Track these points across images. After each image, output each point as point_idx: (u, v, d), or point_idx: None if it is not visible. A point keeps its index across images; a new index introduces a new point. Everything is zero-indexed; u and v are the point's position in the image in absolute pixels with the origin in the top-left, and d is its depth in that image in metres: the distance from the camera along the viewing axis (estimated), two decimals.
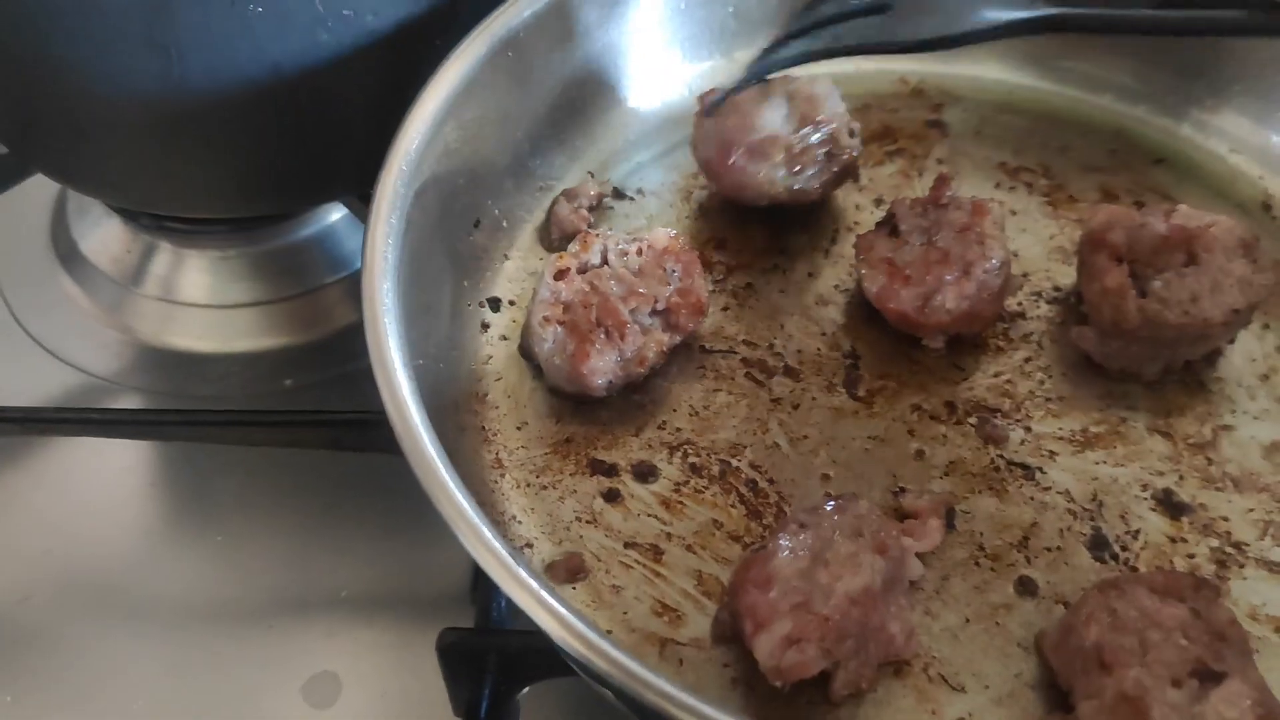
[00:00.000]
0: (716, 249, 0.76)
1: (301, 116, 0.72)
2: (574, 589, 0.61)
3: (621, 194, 0.79)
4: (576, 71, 0.78)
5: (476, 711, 0.63)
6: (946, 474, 0.66)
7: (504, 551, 0.51)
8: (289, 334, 0.88)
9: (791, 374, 0.70)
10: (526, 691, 0.66)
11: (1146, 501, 0.65)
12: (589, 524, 0.64)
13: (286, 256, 0.90)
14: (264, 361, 0.86)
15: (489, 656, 0.64)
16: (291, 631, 0.72)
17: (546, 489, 0.65)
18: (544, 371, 0.69)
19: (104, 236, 0.91)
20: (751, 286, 0.74)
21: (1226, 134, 0.81)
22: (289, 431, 0.72)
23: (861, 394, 0.69)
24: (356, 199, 0.81)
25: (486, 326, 0.72)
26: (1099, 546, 0.63)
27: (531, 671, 0.65)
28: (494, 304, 0.73)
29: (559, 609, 0.49)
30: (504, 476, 0.66)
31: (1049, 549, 0.63)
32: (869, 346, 0.71)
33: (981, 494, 0.65)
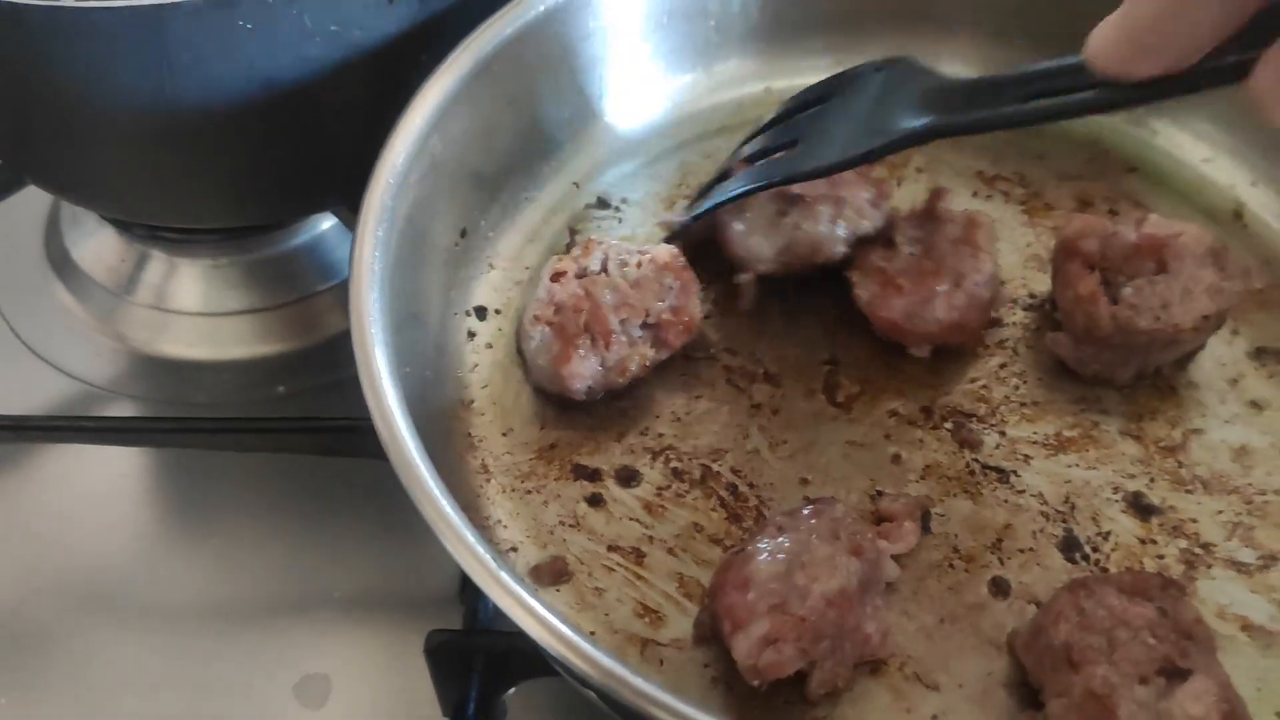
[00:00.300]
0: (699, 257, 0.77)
1: (292, 129, 0.73)
2: (557, 591, 0.63)
3: (605, 204, 0.80)
4: (561, 85, 0.79)
5: (464, 711, 0.64)
6: (923, 477, 0.67)
7: (487, 555, 0.52)
8: (281, 341, 0.88)
9: (771, 380, 0.71)
10: (513, 691, 0.67)
11: (1117, 504, 0.66)
12: (572, 528, 0.65)
13: (278, 265, 0.90)
14: (256, 369, 0.87)
15: (476, 657, 0.65)
16: (283, 633, 0.73)
17: (531, 494, 0.67)
18: (529, 369, 0.70)
19: (97, 246, 0.92)
20: (733, 294, 0.75)
21: (1198, 143, 0.82)
22: (280, 438, 0.73)
23: (840, 400, 0.71)
24: (346, 209, 0.82)
25: (473, 335, 0.73)
26: (1071, 548, 0.64)
27: (518, 672, 0.66)
28: (480, 313, 0.74)
29: (540, 611, 0.50)
30: (489, 482, 0.67)
31: (1022, 550, 0.64)
32: (848, 353, 0.73)
33: (957, 497, 0.66)
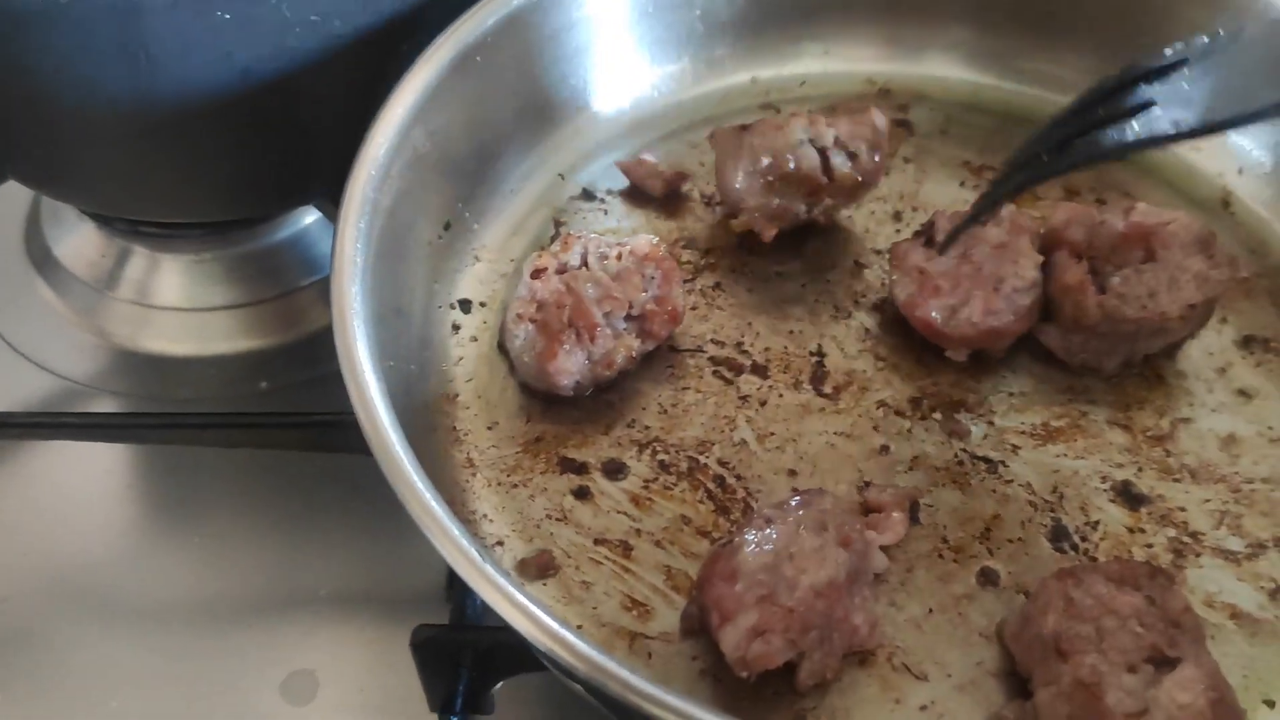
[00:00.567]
0: (685, 248, 0.77)
1: (272, 121, 0.72)
2: (544, 585, 0.62)
3: (591, 195, 0.80)
4: (544, 75, 0.79)
5: (452, 706, 0.64)
6: (911, 468, 0.67)
7: (471, 549, 0.52)
8: (264, 336, 0.88)
9: (759, 371, 0.71)
10: (501, 686, 0.67)
11: (1106, 493, 0.66)
12: (559, 521, 0.65)
13: (261, 259, 0.90)
14: (239, 364, 0.86)
15: (464, 652, 0.64)
16: (269, 630, 0.73)
17: (517, 487, 0.66)
18: (515, 367, 0.69)
19: (78, 241, 0.91)
20: (720, 286, 0.75)
21: None
22: (264, 433, 0.72)
23: (828, 391, 0.70)
24: (329, 202, 0.81)
25: (457, 328, 0.73)
26: (1059, 537, 0.64)
27: (505, 666, 0.66)
28: (465, 305, 0.74)
29: (527, 605, 0.50)
30: (475, 475, 0.66)
31: (1010, 540, 0.64)
32: (835, 344, 0.72)
33: (945, 487, 0.66)
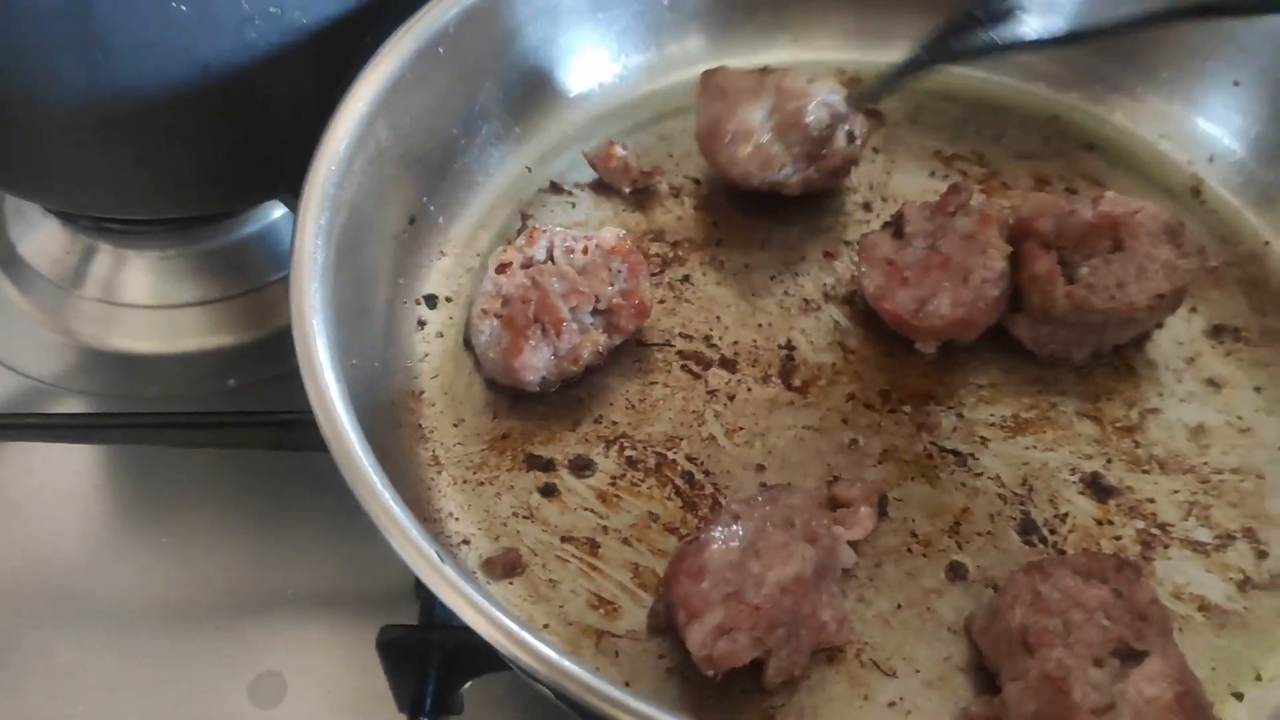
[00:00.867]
0: (654, 240, 0.76)
1: (234, 115, 0.71)
2: (511, 584, 0.62)
3: (559, 188, 0.79)
4: (510, 67, 0.78)
5: (421, 707, 0.63)
6: (880, 462, 0.66)
7: (430, 551, 0.51)
8: (232, 333, 0.87)
9: (728, 365, 0.71)
10: (470, 686, 0.67)
11: (1075, 485, 0.66)
12: (526, 519, 0.64)
13: (228, 255, 0.89)
14: (207, 362, 0.85)
15: (431, 652, 0.64)
16: (237, 632, 0.72)
17: (483, 485, 0.65)
18: (480, 363, 0.69)
19: (42, 239, 0.90)
20: (689, 279, 0.74)
21: (1155, 120, 0.82)
22: (228, 433, 0.71)
23: (797, 384, 0.70)
24: (294, 197, 0.80)
25: (423, 324, 0.72)
26: (1028, 530, 0.64)
27: (473, 666, 0.65)
28: (430, 301, 0.73)
29: (485, 607, 0.50)
30: (440, 473, 0.66)
31: (979, 534, 0.64)
32: (805, 337, 0.72)
33: (914, 481, 0.66)
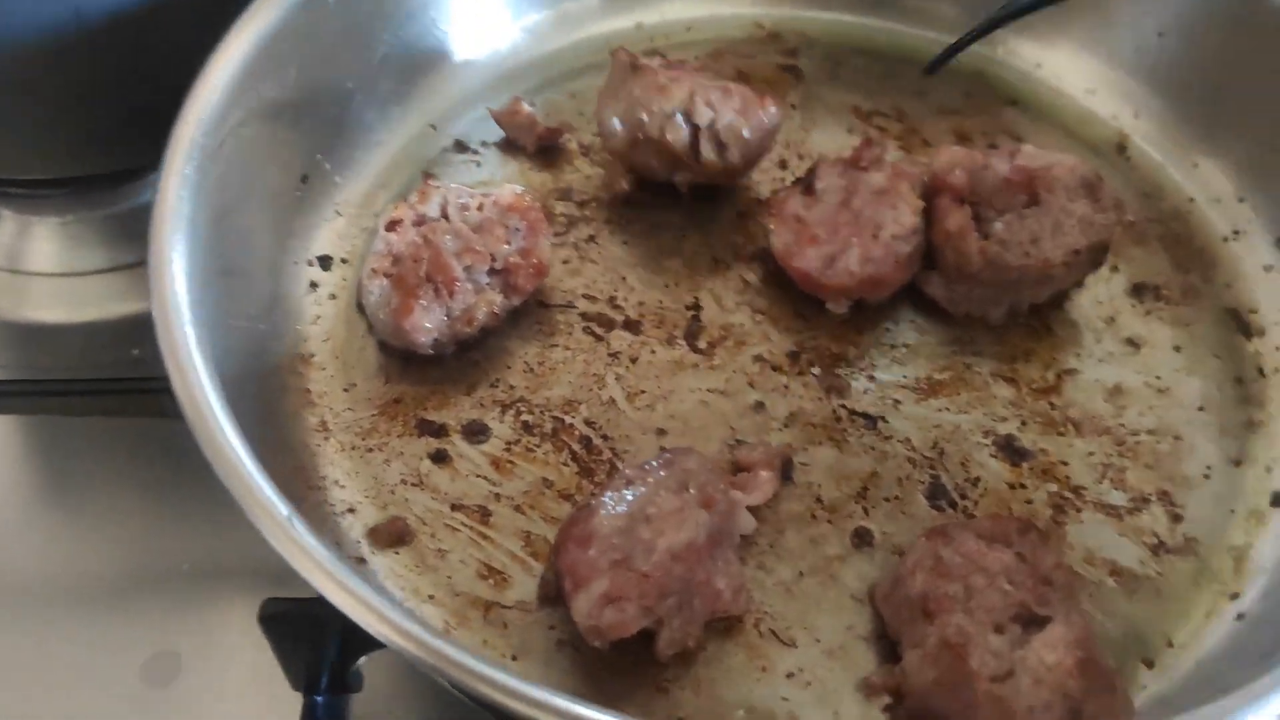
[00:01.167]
0: (560, 200, 0.73)
1: (113, 66, 0.68)
2: (397, 554, 0.59)
3: (464, 147, 0.76)
4: (405, 23, 0.75)
5: (317, 684, 0.60)
6: (786, 425, 0.64)
7: (280, 511, 0.49)
8: (138, 301, 0.83)
9: (632, 327, 0.68)
10: (367, 661, 0.64)
11: (988, 448, 0.64)
12: (415, 487, 0.61)
13: (130, 221, 0.85)
14: (111, 330, 0.82)
15: (325, 627, 0.61)
16: (133, 609, 0.69)
17: (372, 451, 0.63)
18: (372, 326, 0.66)
19: None
20: (594, 239, 0.72)
21: (1081, 75, 0.80)
22: (111, 400, 0.68)
23: (702, 346, 0.67)
24: None
25: (315, 285, 0.69)
26: (937, 495, 0.62)
27: (367, 641, 0.62)
28: (324, 262, 0.70)
29: (348, 582, 0.48)
30: (328, 440, 0.63)
31: (887, 499, 0.62)
32: (712, 297, 0.69)
33: (821, 445, 0.63)
